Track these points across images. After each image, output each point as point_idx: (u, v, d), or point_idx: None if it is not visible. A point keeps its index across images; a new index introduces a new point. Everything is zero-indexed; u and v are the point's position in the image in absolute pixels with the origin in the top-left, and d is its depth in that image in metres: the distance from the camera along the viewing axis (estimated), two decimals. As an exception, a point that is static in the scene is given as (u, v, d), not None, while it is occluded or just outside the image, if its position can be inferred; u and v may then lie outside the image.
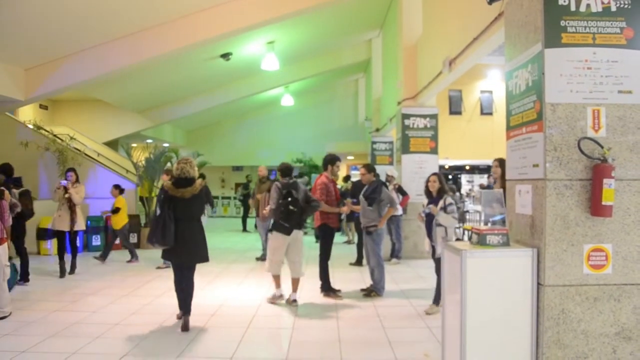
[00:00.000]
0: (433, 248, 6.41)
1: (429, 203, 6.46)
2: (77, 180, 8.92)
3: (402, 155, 10.32)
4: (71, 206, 8.65)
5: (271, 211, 6.85)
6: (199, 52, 12.61)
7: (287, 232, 6.69)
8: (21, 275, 7.85)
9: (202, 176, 10.62)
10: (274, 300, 7.00)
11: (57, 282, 8.17)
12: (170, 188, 5.70)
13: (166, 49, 10.54)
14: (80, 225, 8.93)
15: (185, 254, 5.77)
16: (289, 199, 6.59)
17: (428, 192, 6.58)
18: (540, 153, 3.44)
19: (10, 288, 6.54)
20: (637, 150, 3.41)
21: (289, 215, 6.60)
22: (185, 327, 5.65)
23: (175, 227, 5.60)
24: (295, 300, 6.88)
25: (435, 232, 6.30)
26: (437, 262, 6.29)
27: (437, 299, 6.27)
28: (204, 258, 5.96)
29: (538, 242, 3.44)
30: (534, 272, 3.43)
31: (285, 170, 7.00)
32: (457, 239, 6.17)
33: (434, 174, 6.61)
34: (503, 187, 5.54)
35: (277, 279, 7.07)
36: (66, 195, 8.59)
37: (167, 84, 16.08)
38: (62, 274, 8.51)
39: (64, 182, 8.81)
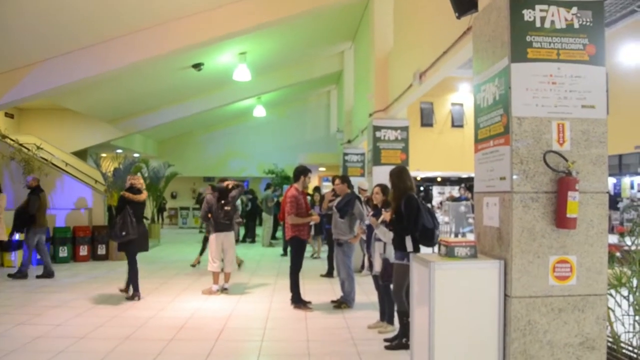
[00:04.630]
0: (371, 263, 6.14)
1: (372, 215, 6.11)
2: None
3: (374, 167, 10.34)
4: None
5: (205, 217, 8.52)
6: (170, 61, 12.49)
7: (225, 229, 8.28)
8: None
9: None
10: (211, 292, 8.15)
11: (21, 295, 7.96)
12: (130, 195, 7.74)
13: (136, 58, 10.42)
14: (0, 235, 9.07)
15: (140, 244, 7.85)
16: (225, 206, 8.25)
17: (373, 204, 6.31)
18: (507, 166, 3.49)
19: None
20: (600, 163, 3.48)
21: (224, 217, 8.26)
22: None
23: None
24: (226, 289, 8.37)
25: (373, 246, 6.05)
26: (375, 279, 6.21)
27: (387, 317, 6.10)
28: (147, 248, 8.25)
29: (505, 253, 3.48)
30: (501, 283, 3.47)
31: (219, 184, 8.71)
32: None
33: (378, 185, 6.23)
34: (392, 212, 5.44)
35: (216, 275, 8.25)
36: None
37: (137, 93, 15.88)
38: None
39: None
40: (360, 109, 13.49)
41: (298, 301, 7.27)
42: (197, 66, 13.43)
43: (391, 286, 5.74)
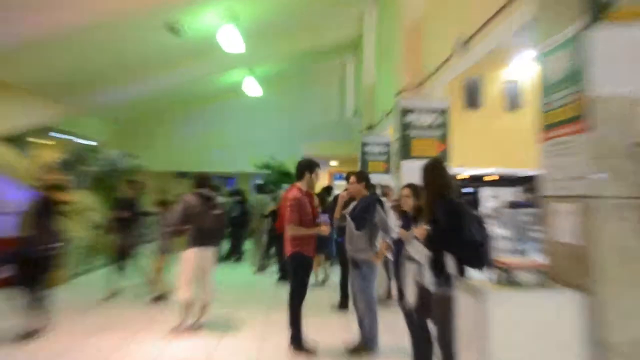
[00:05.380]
0: (401, 292, 5.97)
1: (402, 225, 5.99)
2: None
3: (402, 161, 10.30)
4: None
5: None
6: (137, 20, 12.49)
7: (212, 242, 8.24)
8: None
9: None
10: (181, 331, 7.88)
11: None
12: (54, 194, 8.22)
13: (92, 15, 10.42)
14: None
15: None
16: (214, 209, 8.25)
17: (401, 211, 6.18)
18: (586, 161, 3.42)
19: None
20: None
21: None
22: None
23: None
24: (202, 326, 8.12)
25: (404, 268, 5.81)
26: (408, 315, 5.94)
27: None
28: None
29: (588, 282, 3.39)
30: (584, 324, 3.38)
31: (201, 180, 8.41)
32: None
33: (408, 185, 6.10)
34: (429, 221, 5.30)
35: (188, 307, 8.00)
36: None
37: (93, 60, 15.84)
38: None
39: None
40: (385, 86, 13.47)
41: (299, 343, 7.18)
42: (175, 30, 13.41)
43: (429, 324, 5.57)
